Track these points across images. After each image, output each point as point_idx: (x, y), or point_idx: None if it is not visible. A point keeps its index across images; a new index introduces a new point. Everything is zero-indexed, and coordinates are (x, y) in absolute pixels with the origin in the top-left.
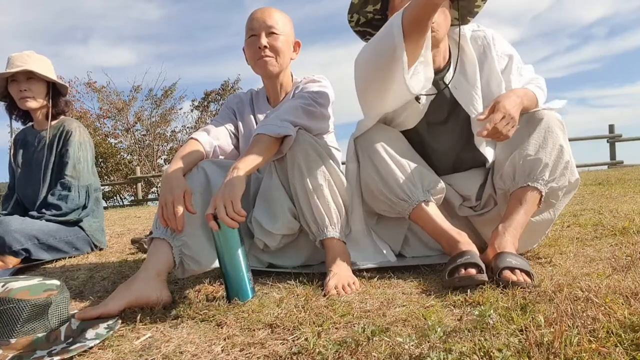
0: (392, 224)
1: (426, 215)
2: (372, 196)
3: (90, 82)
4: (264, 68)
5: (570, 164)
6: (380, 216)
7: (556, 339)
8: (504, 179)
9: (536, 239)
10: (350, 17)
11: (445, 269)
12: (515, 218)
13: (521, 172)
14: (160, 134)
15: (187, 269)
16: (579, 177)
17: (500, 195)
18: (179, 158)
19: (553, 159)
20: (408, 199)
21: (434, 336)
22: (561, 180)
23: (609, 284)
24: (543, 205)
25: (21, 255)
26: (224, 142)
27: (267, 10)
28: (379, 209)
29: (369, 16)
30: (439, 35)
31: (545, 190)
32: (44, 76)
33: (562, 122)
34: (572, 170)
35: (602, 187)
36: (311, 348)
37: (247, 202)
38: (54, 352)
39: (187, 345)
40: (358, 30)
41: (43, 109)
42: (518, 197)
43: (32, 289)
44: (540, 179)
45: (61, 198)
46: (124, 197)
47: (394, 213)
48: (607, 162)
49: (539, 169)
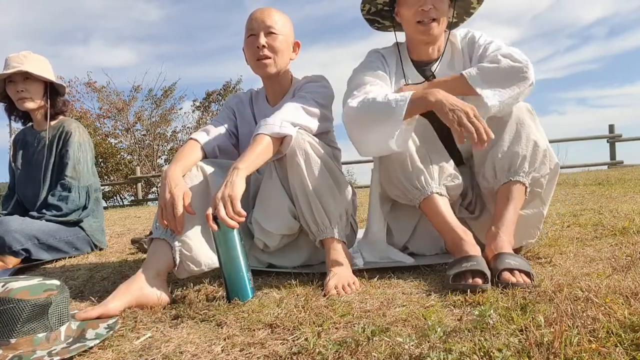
0: (404, 213)
1: (436, 207)
2: (388, 179)
3: (90, 82)
4: (262, 68)
5: (548, 151)
6: (394, 203)
7: (556, 339)
8: (487, 178)
9: (531, 232)
10: (362, 6)
11: (450, 270)
12: (506, 216)
13: (501, 169)
14: (160, 134)
15: (187, 269)
16: (558, 162)
17: (486, 194)
18: (178, 159)
19: (530, 150)
20: (422, 188)
21: (434, 336)
22: (542, 169)
23: (609, 284)
24: (529, 196)
25: (21, 255)
26: (224, 142)
27: (267, 10)
28: (393, 193)
29: (379, 7)
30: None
31: (528, 182)
32: (40, 76)
33: (531, 110)
34: (551, 157)
35: (602, 187)
36: (311, 348)
37: (247, 203)
38: (54, 352)
39: (187, 345)
40: (368, 18)
41: (41, 109)
42: (504, 194)
43: (32, 289)
44: (520, 172)
45: (61, 199)
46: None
47: (405, 200)
48: (607, 162)
49: (517, 162)
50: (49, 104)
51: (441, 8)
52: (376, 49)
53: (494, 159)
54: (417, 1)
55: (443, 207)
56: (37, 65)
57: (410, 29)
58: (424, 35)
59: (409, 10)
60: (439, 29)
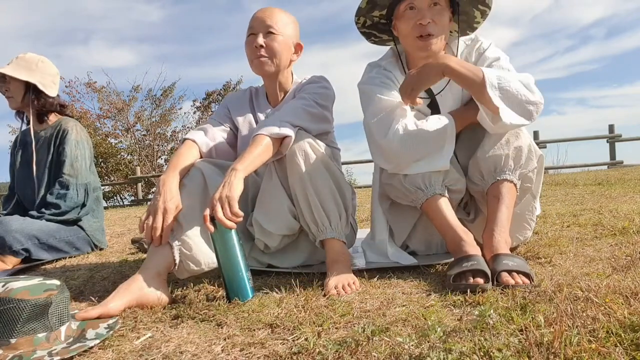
0: (403, 211)
1: (438, 208)
2: (389, 182)
3: (90, 83)
4: (259, 68)
5: (531, 146)
6: (393, 201)
7: (556, 339)
8: (474, 181)
9: (525, 227)
10: (357, 19)
11: (450, 270)
12: (499, 216)
13: (487, 170)
14: (160, 134)
15: (187, 269)
16: (542, 154)
17: (478, 197)
18: (175, 165)
19: (513, 149)
20: (425, 188)
21: (434, 336)
22: (529, 164)
23: (608, 283)
24: (521, 192)
25: (21, 255)
26: (220, 142)
27: (269, 10)
28: (393, 194)
29: (375, 20)
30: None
31: (516, 179)
32: (13, 77)
33: None
34: (535, 151)
35: (602, 187)
36: (311, 348)
37: (245, 205)
38: (54, 352)
39: (187, 345)
40: (364, 32)
41: (26, 107)
42: (494, 194)
43: (32, 289)
44: (506, 170)
45: (60, 197)
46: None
47: (406, 201)
48: (606, 162)
49: (502, 162)
50: (31, 103)
51: (441, 22)
52: (376, 63)
53: (479, 162)
54: (414, 15)
55: (445, 208)
56: (19, 65)
57: (409, 44)
58: (423, 52)
59: (406, 24)
60: (438, 45)
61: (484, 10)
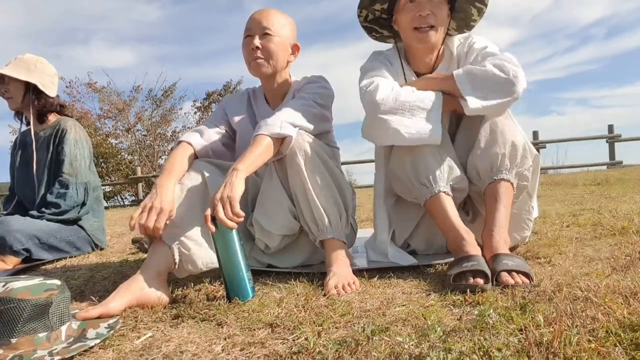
0: (407, 210)
1: (441, 206)
2: (396, 175)
3: (90, 83)
4: (256, 69)
5: (526, 144)
6: (398, 199)
7: (555, 339)
8: (472, 180)
9: (523, 226)
10: (359, 12)
11: (451, 270)
12: (497, 216)
13: (484, 170)
14: (160, 134)
15: (187, 268)
16: (538, 154)
17: (475, 197)
18: (170, 170)
19: (508, 148)
20: (430, 185)
21: (434, 336)
22: (524, 162)
23: (608, 283)
24: (517, 191)
25: (22, 255)
26: (216, 143)
27: (266, 11)
28: (398, 189)
29: (377, 14)
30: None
31: (513, 178)
32: (12, 77)
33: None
34: (530, 150)
35: (602, 187)
36: (311, 347)
37: (246, 205)
38: (55, 352)
39: (188, 344)
40: (366, 26)
41: (26, 108)
42: (491, 194)
43: (32, 289)
44: (503, 169)
45: (59, 196)
46: (124, 197)
47: (411, 197)
48: (606, 162)
49: (498, 161)
50: (32, 104)
51: (440, 15)
52: (380, 51)
53: (475, 162)
54: (414, 7)
55: (448, 207)
56: (18, 66)
57: (408, 36)
58: (421, 43)
59: (406, 16)
60: (436, 37)
61: (480, 7)
